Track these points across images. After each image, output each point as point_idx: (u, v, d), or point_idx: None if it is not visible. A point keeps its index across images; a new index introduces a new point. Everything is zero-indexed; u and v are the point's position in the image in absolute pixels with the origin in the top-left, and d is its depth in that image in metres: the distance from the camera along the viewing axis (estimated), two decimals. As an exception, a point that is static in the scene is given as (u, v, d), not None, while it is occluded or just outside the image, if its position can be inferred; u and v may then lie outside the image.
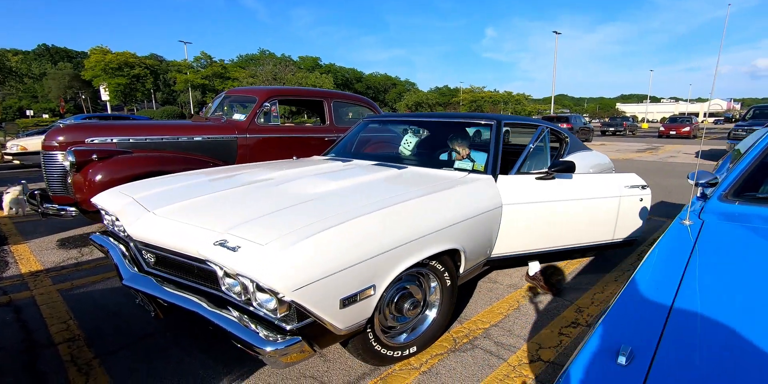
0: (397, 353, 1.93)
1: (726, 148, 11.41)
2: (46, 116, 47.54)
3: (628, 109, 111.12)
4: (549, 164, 2.84)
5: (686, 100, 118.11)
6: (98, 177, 3.39)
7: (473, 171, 2.61)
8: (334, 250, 1.50)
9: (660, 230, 4.29)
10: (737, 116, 16.62)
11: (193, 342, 2.21)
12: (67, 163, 3.46)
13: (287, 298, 1.35)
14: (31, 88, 59.71)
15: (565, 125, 20.78)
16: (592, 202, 2.71)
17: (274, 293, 1.36)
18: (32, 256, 3.56)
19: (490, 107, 68.10)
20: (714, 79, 3.95)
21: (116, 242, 2.30)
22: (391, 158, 3.10)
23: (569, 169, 2.52)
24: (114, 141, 3.80)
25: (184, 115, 49.14)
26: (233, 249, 1.46)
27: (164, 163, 3.76)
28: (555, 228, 2.65)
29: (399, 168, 2.66)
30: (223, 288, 1.58)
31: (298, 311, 1.43)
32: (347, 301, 1.52)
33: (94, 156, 3.44)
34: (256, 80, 34.44)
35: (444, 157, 3.05)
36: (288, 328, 1.42)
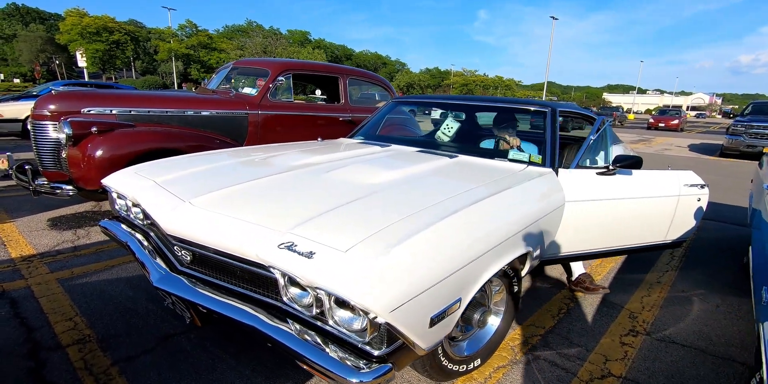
0: (463, 367, 1.73)
1: (723, 143, 11.48)
2: (17, 81, 45.00)
3: (615, 99, 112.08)
4: (609, 158, 2.63)
5: (671, 93, 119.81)
6: (99, 152, 3.03)
7: (531, 163, 2.37)
8: (428, 259, 1.25)
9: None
10: (735, 112, 16.78)
11: (221, 344, 1.96)
12: (62, 136, 3.07)
13: (381, 320, 1.10)
14: (0, 51, 56.14)
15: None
16: (652, 201, 2.52)
17: (364, 312, 1.11)
18: (21, 238, 3.20)
19: (481, 91, 67.59)
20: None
21: (132, 231, 2.00)
22: (432, 144, 2.83)
23: (636, 164, 2.31)
24: (114, 112, 3.41)
25: (166, 85, 47.20)
26: (307, 255, 1.20)
27: (170, 139, 3.40)
28: (612, 228, 2.46)
29: (450, 157, 2.40)
30: (284, 298, 1.33)
31: (388, 333, 1.19)
32: (436, 319, 1.29)
33: (94, 128, 3.07)
34: (245, 53, 33.05)
35: (489, 145, 2.80)
36: (376, 353, 1.19)
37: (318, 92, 5.95)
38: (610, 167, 2.32)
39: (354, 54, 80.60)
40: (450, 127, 2.94)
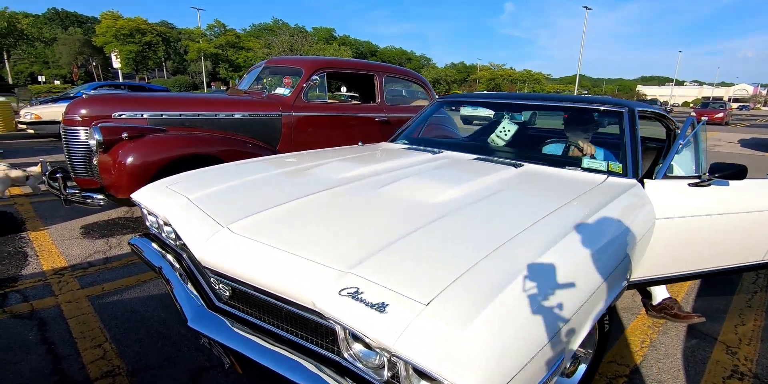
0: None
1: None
2: (57, 82, 46.94)
3: (650, 91, 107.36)
4: (702, 166, 2.26)
5: (711, 84, 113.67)
6: (129, 159, 2.87)
7: (610, 173, 2.05)
8: (531, 313, 0.97)
9: None
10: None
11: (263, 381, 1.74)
12: (92, 142, 2.94)
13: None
14: (42, 54, 58.81)
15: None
16: (753, 217, 2.15)
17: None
18: (54, 248, 3.10)
19: (508, 86, 66.00)
20: None
21: (164, 251, 1.81)
22: (487, 150, 2.53)
23: (740, 173, 1.95)
24: (144, 116, 3.26)
25: (196, 85, 48.23)
26: (378, 308, 0.94)
27: (202, 144, 3.22)
28: (706, 247, 2.11)
29: (514, 166, 2.09)
30: (344, 353, 1.08)
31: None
32: (539, 388, 1.01)
33: (124, 134, 2.92)
34: (272, 51, 33.26)
35: (556, 151, 2.48)
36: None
37: (344, 89, 5.68)
38: (706, 177, 1.97)
39: (379, 50, 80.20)
40: (507, 129, 2.63)
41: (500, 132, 2.64)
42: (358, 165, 2.12)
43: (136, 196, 1.91)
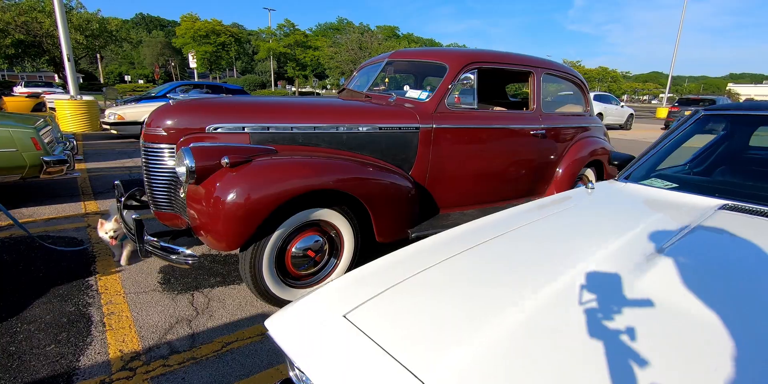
0: None
1: None
2: (141, 81, 50.35)
3: (742, 90, 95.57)
4: None
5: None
6: (233, 196, 1.94)
7: None
8: None
9: None
10: None
11: None
12: (181, 170, 2.05)
13: None
14: (129, 55, 63.58)
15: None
16: None
17: None
18: (126, 310, 2.27)
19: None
20: None
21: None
22: None
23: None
24: (246, 130, 2.35)
25: (264, 84, 49.50)
26: None
27: (326, 172, 2.23)
28: None
29: None
30: None
31: None
32: None
33: (225, 160, 1.99)
34: (340, 49, 32.89)
35: None
36: None
37: (406, 88, 4.53)
38: None
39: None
40: None
41: None
42: (616, 244, 1.01)
43: (274, 331, 0.92)
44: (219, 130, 2.32)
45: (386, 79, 3.33)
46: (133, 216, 2.10)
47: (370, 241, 2.62)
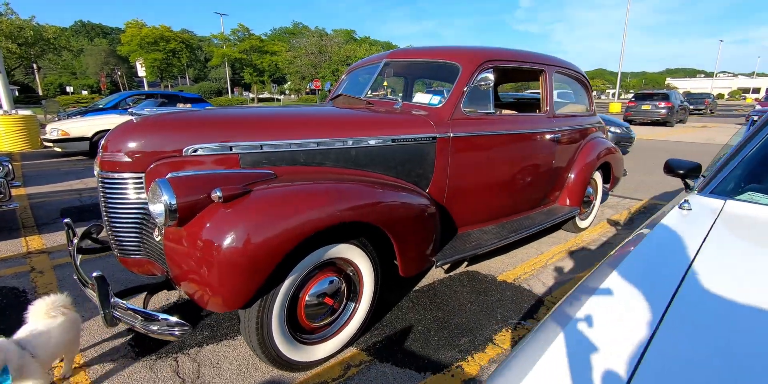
0: None
1: None
2: (85, 93, 47.19)
3: (680, 84, 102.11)
4: None
5: (747, 75, 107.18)
6: (232, 241, 1.47)
7: None
8: None
9: None
10: None
11: None
12: (158, 208, 1.55)
13: None
14: (70, 65, 59.53)
15: (664, 104, 17.80)
16: None
17: None
18: (89, 390, 1.74)
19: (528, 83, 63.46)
20: None
21: None
22: None
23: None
24: (233, 150, 1.88)
25: (220, 91, 47.64)
26: None
27: (348, 200, 1.80)
28: None
29: None
30: None
31: None
32: None
33: (217, 194, 1.52)
34: (300, 54, 32.02)
35: None
36: None
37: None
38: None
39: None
40: None
41: None
42: None
43: None
44: (199, 152, 1.84)
45: (385, 83, 2.93)
46: (94, 274, 1.58)
47: (387, 275, 2.21)
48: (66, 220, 2.22)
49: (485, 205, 2.79)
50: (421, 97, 2.62)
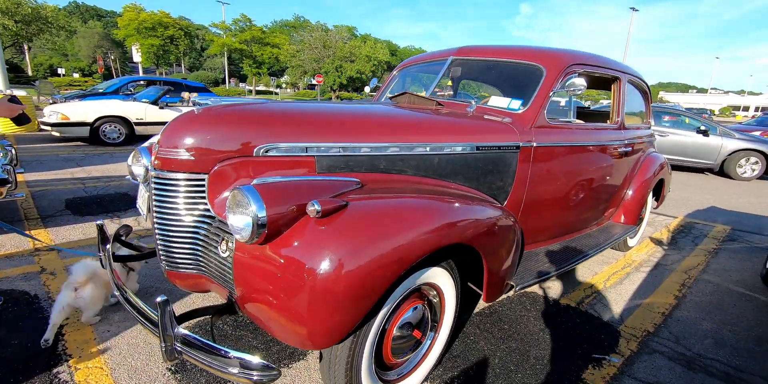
0: None
1: None
2: (76, 75, 45.94)
3: (672, 98, 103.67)
4: None
5: (740, 92, 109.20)
6: (333, 267, 1.19)
7: None
8: None
9: None
10: None
11: None
12: (242, 220, 1.27)
13: None
14: (62, 46, 57.91)
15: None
16: None
17: None
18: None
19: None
20: None
21: None
22: None
23: None
24: (308, 152, 1.60)
25: (218, 81, 46.77)
26: None
27: (450, 218, 1.53)
28: None
29: None
30: None
31: None
32: None
33: (315, 206, 1.25)
34: (303, 47, 31.44)
35: None
36: None
37: (367, 89, 3.85)
38: None
39: (399, 50, 78.36)
40: None
41: None
42: None
43: None
44: (272, 153, 1.56)
45: (448, 82, 2.67)
46: (159, 298, 1.29)
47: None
48: (99, 222, 1.92)
49: (554, 222, 2.55)
50: (497, 101, 2.37)
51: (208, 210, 1.54)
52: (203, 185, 1.53)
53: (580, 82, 2.18)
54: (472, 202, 1.77)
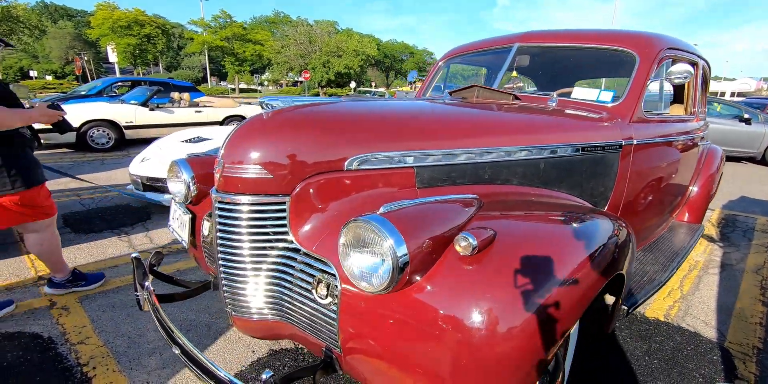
0: None
1: None
2: (49, 78, 44.18)
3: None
4: None
5: (716, 78, 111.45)
6: (506, 325, 0.88)
7: None
8: None
9: None
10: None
11: None
12: (371, 262, 0.94)
13: None
14: (32, 48, 55.69)
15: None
16: None
17: None
18: None
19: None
20: None
21: None
22: None
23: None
24: (409, 163, 1.28)
25: (199, 80, 45.56)
26: None
27: (610, 246, 1.23)
28: None
29: None
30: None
31: None
32: None
33: (470, 240, 0.93)
34: (288, 43, 30.65)
35: None
36: None
37: (352, 84, 3.53)
38: None
39: (381, 44, 77.62)
40: None
41: None
42: None
43: None
44: (366, 166, 1.23)
45: (515, 74, 2.35)
46: (264, 375, 0.95)
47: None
48: (135, 255, 1.56)
49: (643, 227, 2.28)
50: (583, 93, 2.06)
51: (290, 242, 1.20)
52: (284, 210, 1.20)
53: (684, 67, 1.88)
54: (599, 216, 1.46)
